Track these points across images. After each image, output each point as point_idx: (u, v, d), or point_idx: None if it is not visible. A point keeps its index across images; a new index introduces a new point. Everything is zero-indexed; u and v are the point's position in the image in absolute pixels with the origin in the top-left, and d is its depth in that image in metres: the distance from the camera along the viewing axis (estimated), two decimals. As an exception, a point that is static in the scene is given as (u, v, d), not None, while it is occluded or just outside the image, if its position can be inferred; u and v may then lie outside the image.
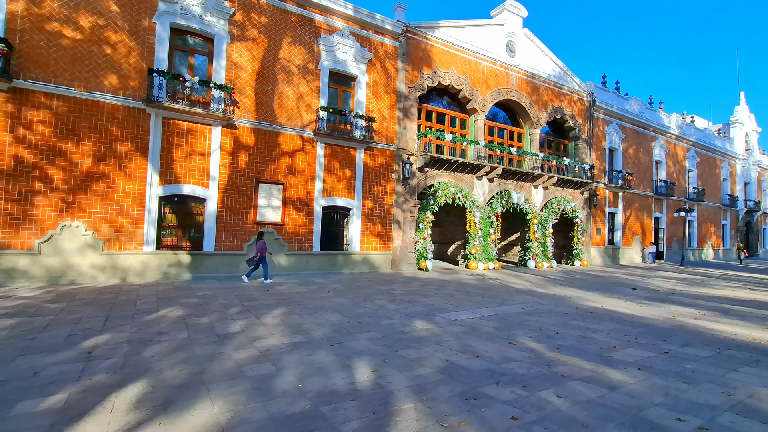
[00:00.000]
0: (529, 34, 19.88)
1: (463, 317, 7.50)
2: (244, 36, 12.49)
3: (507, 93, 18.98)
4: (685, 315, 8.20)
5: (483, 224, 17.35)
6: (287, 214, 13.09)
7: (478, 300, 9.50)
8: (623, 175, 23.99)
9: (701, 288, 13.20)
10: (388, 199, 15.23)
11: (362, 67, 14.69)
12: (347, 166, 14.31)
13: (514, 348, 5.40)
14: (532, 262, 19.13)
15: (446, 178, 16.83)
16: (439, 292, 10.58)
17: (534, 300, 9.74)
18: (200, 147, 11.72)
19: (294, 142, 13.27)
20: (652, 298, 10.67)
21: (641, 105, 26.19)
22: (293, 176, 13.24)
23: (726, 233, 34.60)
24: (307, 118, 13.50)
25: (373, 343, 5.54)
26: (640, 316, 8.00)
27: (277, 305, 8.07)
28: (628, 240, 24.97)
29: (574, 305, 9.13)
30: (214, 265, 11.80)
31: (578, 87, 22.07)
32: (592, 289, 12.19)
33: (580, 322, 7.23)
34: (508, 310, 8.37)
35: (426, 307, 8.42)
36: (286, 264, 12.97)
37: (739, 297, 11.20)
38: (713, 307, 9.37)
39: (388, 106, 15.30)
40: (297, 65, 13.38)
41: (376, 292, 10.23)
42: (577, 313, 8.20)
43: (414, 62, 15.96)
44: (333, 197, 13.99)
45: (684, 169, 29.69)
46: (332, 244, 14.13)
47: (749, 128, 36.97)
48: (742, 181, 36.12)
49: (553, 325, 6.96)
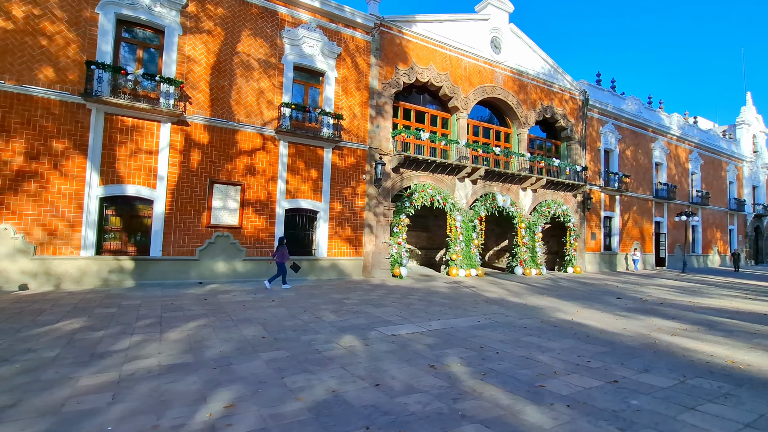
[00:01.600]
0: (515, 30, 18.99)
1: (403, 332, 6.56)
2: (199, 28, 11.79)
3: (492, 91, 18.07)
4: (663, 330, 7.15)
5: (465, 228, 16.36)
6: (246, 217, 12.27)
7: (435, 311, 8.54)
8: (620, 177, 22.83)
9: (696, 297, 12.06)
10: (359, 201, 14.34)
11: (331, 62, 13.91)
12: (313, 166, 13.48)
13: (431, 373, 4.45)
14: (520, 268, 18.06)
15: (425, 179, 15.92)
16: (398, 301, 9.64)
17: (499, 311, 8.75)
18: (147, 145, 10.97)
19: (254, 141, 12.49)
20: (635, 309, 9.60)
21: (639, 104, 25.06)
22: (253, 176, 12.43)
23: (733, 239, 33.05)
24: (268, 115, 12.72)
25: (266, 366, 4.63)
26: (610, 331, 6.98)
27: (200, 317, 7.21)
28: (626, 245, 23.73)
29: (541, 317, 8.12)
30: (161, 271, 10.99)
31: (570, 85, 21.08)
32: (572, 298, 11.14)
33: (535, 339, 6.24)
34: (461, 323, 7.40)
35: (370, 319, 7.49)
36: (243, 270, 12.12)
37: (734, 308, 10.07)
38: (700, 320, 8.29)
39: (360, 104, 14.48)
40: (258, 59, 12.63)
41: (327, 301, 9.32)
42: (538, 327, 7.20)
43: (388, 58, 15.14)
44: (297, 199, 13.15)
45: (687, 172, 28.38)
46: (297, 249, 13.26)
47: (757, 129, 35.50)
48: (750, 185, 34.61)
49: (500, 342, 5.99)
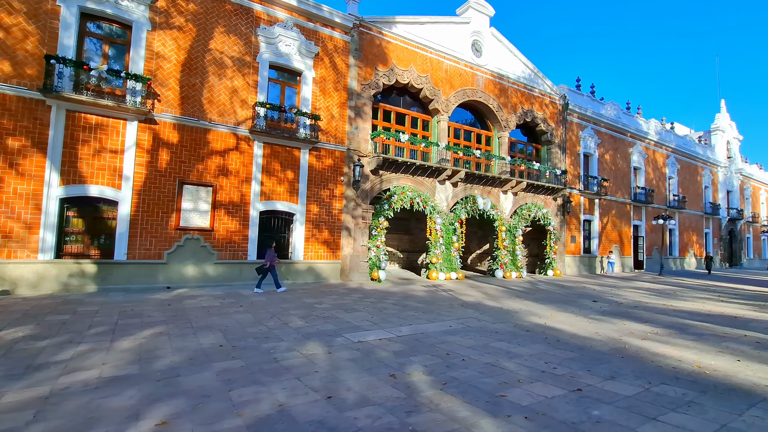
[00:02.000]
0: (496, 34, 19.06)
1: (371, 338, 6.33)
2: (169, 24, 11.41)
3: (473, 94, 18.06)
4: (635, 334, 7.09)
5: (445, 231, 16.24)
6: (217, 219, 11.88)
7: (408, 316, 8.33)
8: (599, 181, 23.11)
9: (670, 300, 12.15)
10: (337, 203, 14.08)
11: (308, 61, 13.66)
12: (290, 167, 13.18)
13: (390, 383, 4.23)
14: (500, 271, 18.03)
15: (404, 181, 15.75)
16: (372, 306, 9.40)
17: (474, 315, 8.59)
18: (112, 144, 10.52)
19: (227, 141, 12.13)
20: (609, 312, 9.57)
21: (618, 110, 25.46)
22: (225, 177, 12.07)
23: (709, 242, 33.84)
24: (242, 114, 12.39)
25: (216, 378, 4.34)
26: (581, 335, 6.88)
27: (158, 324, 6.84)
28: (605, 248, 23.98)
29: (515, 321, 7.99)
30: (126, 275, 10.53)
31: (550, 90, 21.25)
32: (549, 302, 11.08)
33: (505, 344, 6.08)
34: (432, 328, 7.21)
35: (339, 325, 7.24)
36: (214, 274, 11.72)
37: (707, 311, 10.14)
38: (672, 323, 8.28)
39: (338, 104, 14.25)
40: (231, 57, 12.30)
41: (298, 306, 9.03)
42: (510, 331, 7.06)
43: (368, 58, 14.97)
44: (272, 201, 12.82)
45: (664, 176, 28.94)
46: (272, 253, 12.90)
47: (730, 136, 36.52)
48: (725, 189, 35.53)
49: (468, 348, 5.81)
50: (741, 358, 5.60)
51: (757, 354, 5.89)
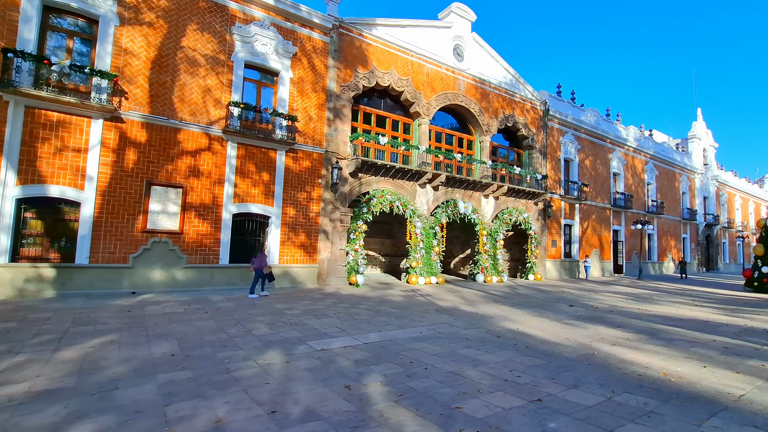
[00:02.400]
0: (478, 39, 19.11)
1: (336, 345, 6.09)
2: (138, 20, 11.05)
3: (454, 98, 18.03)
4: (606, 339, 7.00)
5: (425, 235, 16.10)
6: (187, 222, 11.50)
7: (380, 322, 8.11)
8: (579, 186, 23.33)
9: (645, 305, 12.19)
10: (314, 206, 13.81)
11: (286, 61, 13.41)
12: (265, 169, 12.87)
13: (343, 395, 4.00)
14: (481, 276, 17.96)
15: (384, 185, 15.57)
16: (345, 311, 9.15)
17: (447, 321, 8.42)
18: (75, 142, 10.09)
19: (199, 141, 11.78)
20: (584, 317, 9.51)
21: (598, 116, 25.82)
22: (196, 179, 11.70)
23: (687, 247, 34.52)
24: (215, 114, 12.06)
25: (156, 391, 4.05)
26: (552, 341, 6.76)
27: (111, 332, 6.48)
28: (585, 253, 24.18)
29: (488, 327, 7.84)
30: (88, 280, 10.06)
31: (531, 95, 21.41)
32: (525, 306, 10.99)
33: (473, 351, 5.90)
34: (401, 334, 7.00)
35: (306, 331, 6.97)
36: (183, 279, 11.32)
37: (680, 315, 10.18)
38: (644, 328, 8.24)
39: (316, 106, 14.02)
40: (205, 55, 11.98)
41: (268, 311, 8.72)
42: (481, 337, 6.90)
43: (347, 60, 14.79)
44: (246, 203, 12.49)
45: (643, 182, 29.43)
46: (246, 256, 12.55)
47: (707, 143, 37.44)
48: (702, 195, 36.35)
49: (434, 356, 5.62)
50: (707, 364, 5.53)
51: (724, 359, 5.84)
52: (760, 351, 6.48)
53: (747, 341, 7.23)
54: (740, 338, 7.50)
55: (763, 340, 7.33)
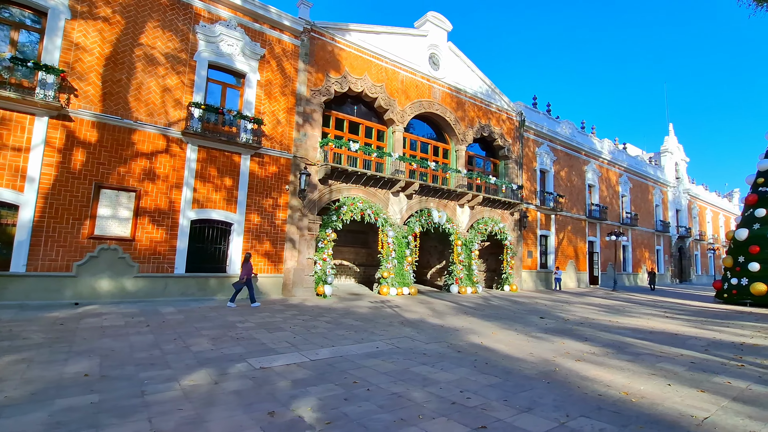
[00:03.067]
0: (454, 49, 19.09)
1: (278, 363, 5.55)
2: (93, 14, 10.46)
3: (429, 106, 17.86)
4: (571, 354, 6.66)
5: (398, 245, 15.69)
6: (140, 228, 10.79)
7: (337, 336, 7.59)
8: (555, 197, 23.41)
9: (617, 316, 12.01)
10: (280, 213, 13.25)
11: (253, 63, 12.96)
12: (228, 173, 12.29)
13: (261, 424, 3.49)
14: (456, 286, 17.61)
15: (356, 192, 15.14)
16: (303, 324, 8.60)
17: (410, 335, 7.96)
18: (15, 141, 9.35)
19: (155, 142, 11.15)
20: (553, 329, 9.19)
21: (573, 128, 26.15)
22: (152, 182, 11.04)
23: (660, 258, 35.09)
24: (175, 115, 11.47)
25: (46, 420, 3.46)
26: (514, 356, 6.37)
27: (28, 348, 5.78)
28: (561, 264, 24.18)
29: (450, 341, 7.42)
30: (24, 289, 9.23)
31: (507, 106, 21.47)
32: (495, 318, 10.63)
33: (427, 368, 5.46)
34: (356, 350, 6.51)
35: (252, 347, 6.41)
36: (133, 289, 10.56)
37: (650, 327, 9.98)
38: (612, 341, 7.96)
39: (285, 110, 13.57)
40: (165, 54, 11.43)
41: (218, 325, 8.10)
42: (440, 353, 6.46)
43: (319, 64, 14.44)
44: (207, 209, 11.86)
45: (617, 194, 29.86)
46: (205, 265, 11.89)
47: (678, 158, 38.47)
48: (674, 208, 37.18)
49: (383, 374, 5.15)
50: (672, 382, 5.22)
51: (690, 376, 5.55)
52: (727, 366, 6.23)
53: (715, 356, 7.00)
54: (708, 352, 7.28)
55: (730, 354, 7.12)
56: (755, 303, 16.78)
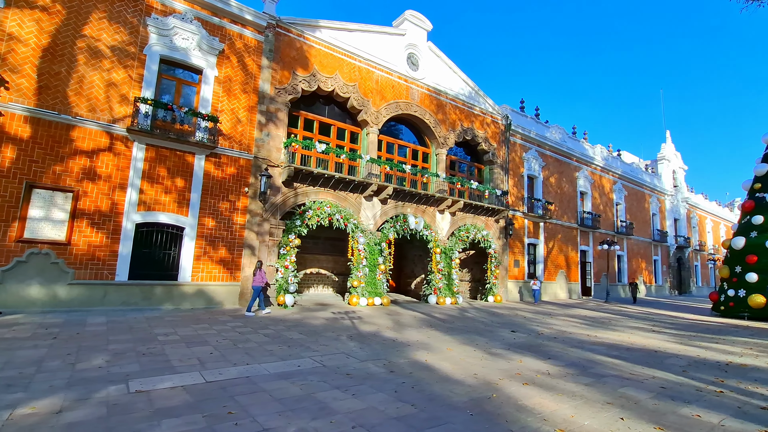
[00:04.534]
0: (434, 49, 18.45)
1: (163, 386, 4.67)
2: (29, 2, 9.81)
3: (407, 107, 17.14)
4: (523, 375, 5.74)
5: (369, 252, 14.81)
6: (77, 231, 9.98)
7: (263, 352, 6.70)
8: (544, 204, 22.51)
9: (599, 330, 11.05)
10: (238, 218, 12.44)
11: (211, 59, 12.29)
12: (180, 174, 11.52)
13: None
14: (434, 297, 16.66)
15: (325, 196, 14.33)
16: (235, 338, 7.71)
17: (349, 350, 7.06)
18: (-68, 135, 8.62)
19: (97, 140, 10.41)
20: (518, 345, 8.26)
21: (563, 134, 25.36)
22: (92, 182, 10.27)
23: (658, 269, 33.97)
24: (121, 111, 10.75)
25: None
26: (454, 378, 5.46)
27: None
28: (551, 274, 23.18)
29: (392, 358, 6.51)
30: (-65, 297, 8.41)
31: (492, 109, 20.74)
32: (461, 332, 9.70)
33: (335, 394, 4.56)
34: (272, 369, 5.61)
35: (148, 366, 5.53)
36: (67, 297, 9.71)
37: (629, 343, 9.02)
38: (579, 359, 7.02)
39: (246, 108, 12.85)
40: (111, 46, 10.76)
41: (135, 338, 7.22)
42: (369, 373, 5.56)
43: (285, 61, 13.76)
44: (154, 212, 11.06)
45: (611, 202, 28.92)
46: (152, 272, 11.04)
47: (676, 165, 37.56)
48: (672, 217, 36.14)
49: (277, 401, 4.26)
50: (628, 415, 4.30)
51: (653, 406, 4.62)
52: (703, 392, 5.30)
53: (692, 378, 6.06)
54: (686, 374, 6.33)
55: (710, 377, 6.18)
56: (753, 316, 15.75)
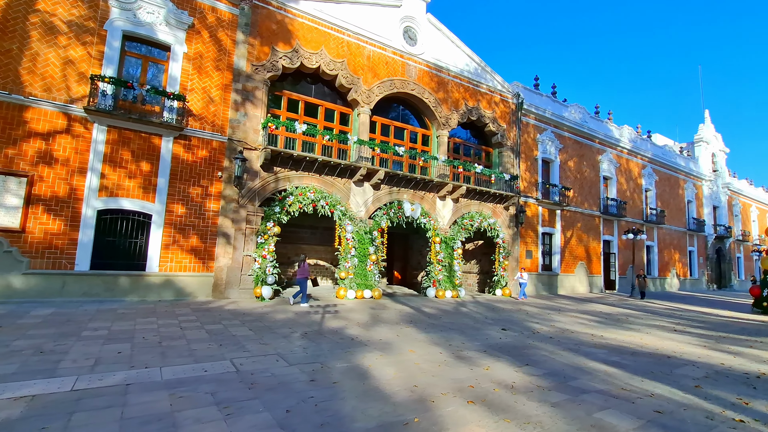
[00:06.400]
0: (434, 21, 16.98)
1: (12, 394, 3.81)
2: (-24, -25, 9.25)
3: (403, 85, 15.83)
4: (477, 388, 4.53)
5: (359, 241, 13.75)
6: (33, 218, 9.44)
7: (186, 351, 5.80)
8: (561, 189, 20.68)
9: (608, 329, 9.57)
10: (212, 204, 11.65)
11: (179, 34, 11.46)
12: (145, 157, 10.81)
13: None
14: (432, 289, 15.45)
15: (309, 181, 13.34)
16: (171, 334, 6.87)
17: (287, 351, 6.06)
18: None
19: (54, 121, 9.80)
20: (500, 346, 7.00)
21: (584, 113, 23.24)
22: (48, 166, 9.69)
23: (693, 261, 31.16)
24: (79, 90, 10.10)
25: None
26: (384, 391, 4.33)
27: None
28: (569, 265, 21.37)
29: (331, 363, 5.45)
30: None
31: (501, 87, 19.06)
32: (440, 330, 8.52)
33: (207, 414, 3.55)
34: (169, 374, 4.68)
35: (39, 365, 4.75)
36: (23, 287, 9.20)
37: (639, 345, 7.56)
38: (565, 367, 5.71)
39: (220, 86, 11.99)
40: (68, 21, 10.09)
41: (52, 333, 6.49)
42: (281, 383, 4.52)
43: (264, 36, 12.78)
44: (118, 198, 10.41)
45: (640, 188, 26.51)
46: (117, 262, 10.43)
47: (716, 148, 34.23)
48: (711, 204, 33.01)
49: (124, 420, 3.29)
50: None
51: (633, 442, 3.34)
52: (713, 423, 3.93)
53: (705, 398, 4.66)
54: (699, 389, 4.93)
55: (730, 396, 4.76)
56: (801, 314, 13.64)
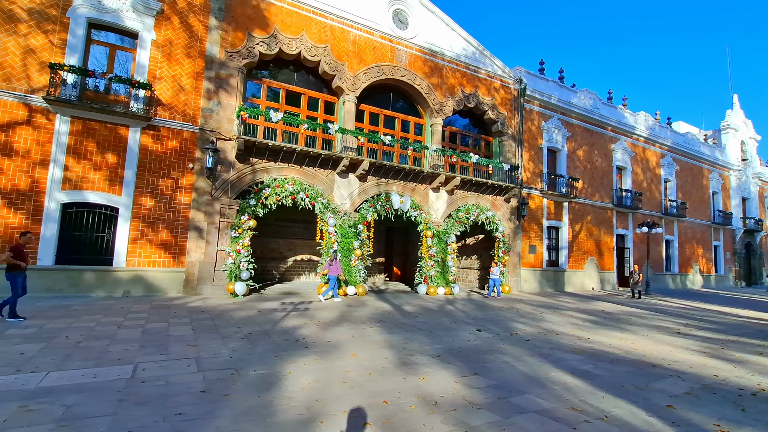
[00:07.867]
0: (427, 4, 16.06)
1: None
2: (-69, -37, 9.02)
3: (392, 71, 15.03)
4: (390, 404, 3.82)
5: (342, 235, 13.11)
6: (-8, 212, 9.23)
7: (98, 352, 5.31)
8: (568, 180, 19.45)
9: (598, 331, 8.63)
10: (183, 197, 11.24)
11: (147, 20, 11.04)
12: (112, 149, 10.46)
13: None
14: (424, 286, 14.68)
15: (290, 172, 12.78)
16: (99, 333, 6.42)
17: (217, 353, 5.50)
18: None
19: (13, 112, 9.53)
20: (458, 350, 6.24)
21: (595, 99, 21.80)
22: (8, 159, 9.44)
23: (719, 256, 29.14)
24: (40, 80, 9.80)
25: None
26: (274, 407, 3.68)
27: None
28: (577, 261, 20.14)
29: (250, 370, 4.85)
30: None
31: (501, 72, 17.96)
32: (406, 330, 7.80)
33: None
34: (53, 379, 4.16)
35: None
36: (-19, 282, 9.00)
37: (626, 350, 6.64)
38: (515, 379, 4.92)
39: (191, 74, 11.52)
40: (28, 9, 9.78)
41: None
42: (162, 395, 3.95)
43: (238, 21, 12.24)
44: (82, 191, 10.10)
45: (658, 178, 24.83)
46: (83, 257, 10.15)
47: (745, 135, 31.83)
48: (739, 196, 30.76)
49: None
50: None
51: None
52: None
53: (673, 422, 3.80)
54: (668, 411, 4.07)
55: (709, 419, 3.87)
56: (833, 315, 12.19)
